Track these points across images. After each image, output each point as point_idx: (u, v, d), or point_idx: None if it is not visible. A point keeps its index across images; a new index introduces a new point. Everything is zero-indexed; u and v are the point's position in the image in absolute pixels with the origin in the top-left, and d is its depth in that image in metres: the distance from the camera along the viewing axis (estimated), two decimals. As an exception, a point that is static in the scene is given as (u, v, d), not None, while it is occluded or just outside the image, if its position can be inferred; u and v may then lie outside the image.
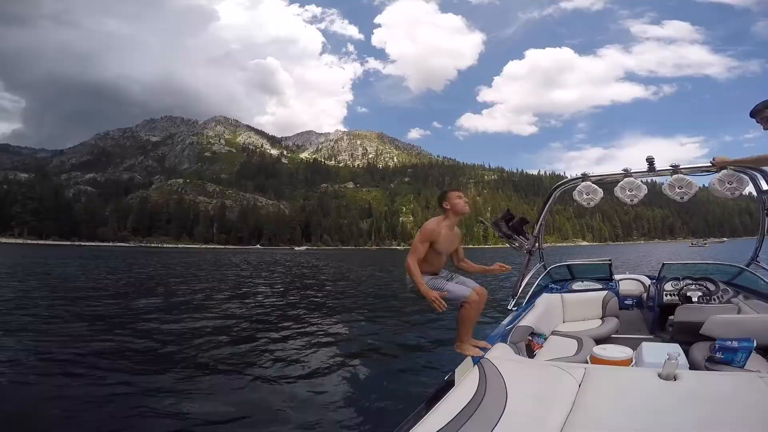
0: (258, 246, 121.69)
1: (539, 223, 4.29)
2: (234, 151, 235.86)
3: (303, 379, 4.49)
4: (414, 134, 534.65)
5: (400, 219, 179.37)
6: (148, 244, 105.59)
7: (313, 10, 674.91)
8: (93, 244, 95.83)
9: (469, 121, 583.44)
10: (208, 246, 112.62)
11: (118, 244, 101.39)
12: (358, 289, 14.43)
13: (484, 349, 2.34)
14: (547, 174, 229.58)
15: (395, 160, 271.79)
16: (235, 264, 30.81)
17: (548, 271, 4.65)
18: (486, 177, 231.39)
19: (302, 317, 8.40)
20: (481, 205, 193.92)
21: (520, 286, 4.02)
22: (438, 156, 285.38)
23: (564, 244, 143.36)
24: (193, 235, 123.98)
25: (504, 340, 2.55)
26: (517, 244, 4.07)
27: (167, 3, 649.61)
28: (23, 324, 7.00)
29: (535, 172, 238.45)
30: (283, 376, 4.56)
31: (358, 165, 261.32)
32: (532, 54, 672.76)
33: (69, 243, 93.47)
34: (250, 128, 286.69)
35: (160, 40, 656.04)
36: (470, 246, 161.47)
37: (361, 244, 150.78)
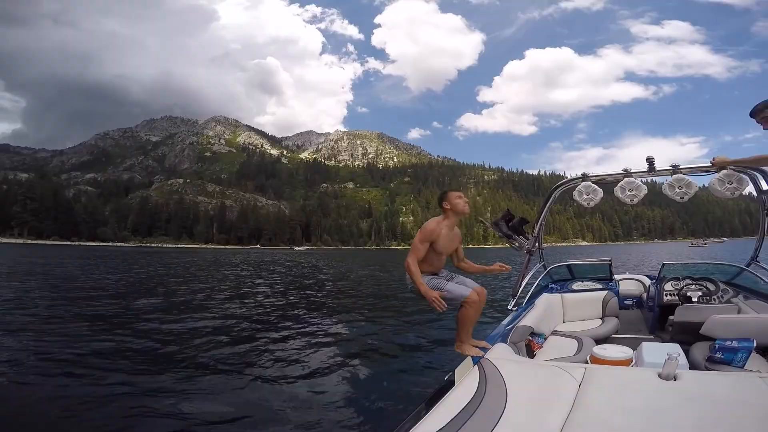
0: (258, 246, 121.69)
1: (539, 223, 4.29)
2: (234, 151, 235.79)
3: (302, 379, 4.48)
4: (414, 134, 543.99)
5: (400, 219, 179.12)
6: (148, 244, 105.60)
7: (314, 9, 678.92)
8: (93, 244, 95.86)
9: (469, 121, 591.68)
10: (208, 246, 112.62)
11: (118, 244, 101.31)
12: (358, 289, 14.43)
13: (485, 349, 2.34)
14: (547, 174, 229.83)
15: (395, 160, 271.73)
16: (235, 264, 30.81)
17: (548, 271, 4.65)
18: (486, 177, 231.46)
19: (302, 317, 8.39)
20: (481, 205, 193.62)
21: (520, 286, 4.01)
22: (438, 156, 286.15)
23: (564, 244, 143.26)
24: (193, 235, 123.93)
25: (504, 340, 2.55)
26: (517, 244, 4.07)
27: (166, 3, 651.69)
28: (23, 324, 6.99)
29: (535, 172, 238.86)
30: (283, 376, 4.56)
31: (358, 165, 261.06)
32: (532, 54, 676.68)
33: (69, 243, 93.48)
34: (250, 128, 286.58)
35: (159, 40, 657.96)
36: (470, 246, 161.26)
37: (361, 245, 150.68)
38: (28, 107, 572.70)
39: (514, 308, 3.71)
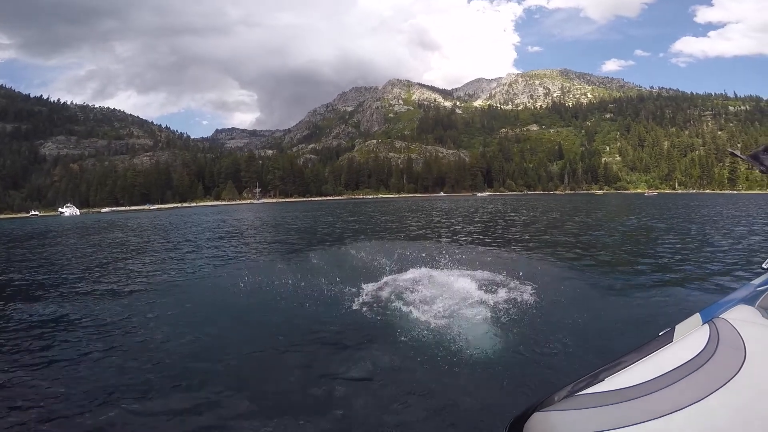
0: (441, 193, 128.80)
1: None
2: (411, 108, 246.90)
3: (503, 319, 4.53)
4: (611, 66, 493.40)
5: (603, 160, 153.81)
6: (356, 197, 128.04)
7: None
8: (319, 198, 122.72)
9: (690, 46, 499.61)
10: (400, 195, 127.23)
11: (336, 197, 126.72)
12: (552, 232, 13.98)
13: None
14: None
15: (589, 96, 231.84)
16: (425, 209, 34.06)
17: None
18: (732, 107, 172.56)
19: (504, 259, 9.02)
20: (725, 142, 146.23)
21: None
22: (651, 87, 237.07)
23: None
24: (388, 186, 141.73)
25: (751, 303, 2.15)
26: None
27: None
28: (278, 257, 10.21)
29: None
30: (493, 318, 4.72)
31: (541, 106, 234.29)
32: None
33: (304, 199, 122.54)
34: (422, 85, 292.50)
35: (326, 23, 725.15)
36: (707, 191, 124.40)
37: (551, 189, 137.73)
38: (259, 99, 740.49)
39: None
